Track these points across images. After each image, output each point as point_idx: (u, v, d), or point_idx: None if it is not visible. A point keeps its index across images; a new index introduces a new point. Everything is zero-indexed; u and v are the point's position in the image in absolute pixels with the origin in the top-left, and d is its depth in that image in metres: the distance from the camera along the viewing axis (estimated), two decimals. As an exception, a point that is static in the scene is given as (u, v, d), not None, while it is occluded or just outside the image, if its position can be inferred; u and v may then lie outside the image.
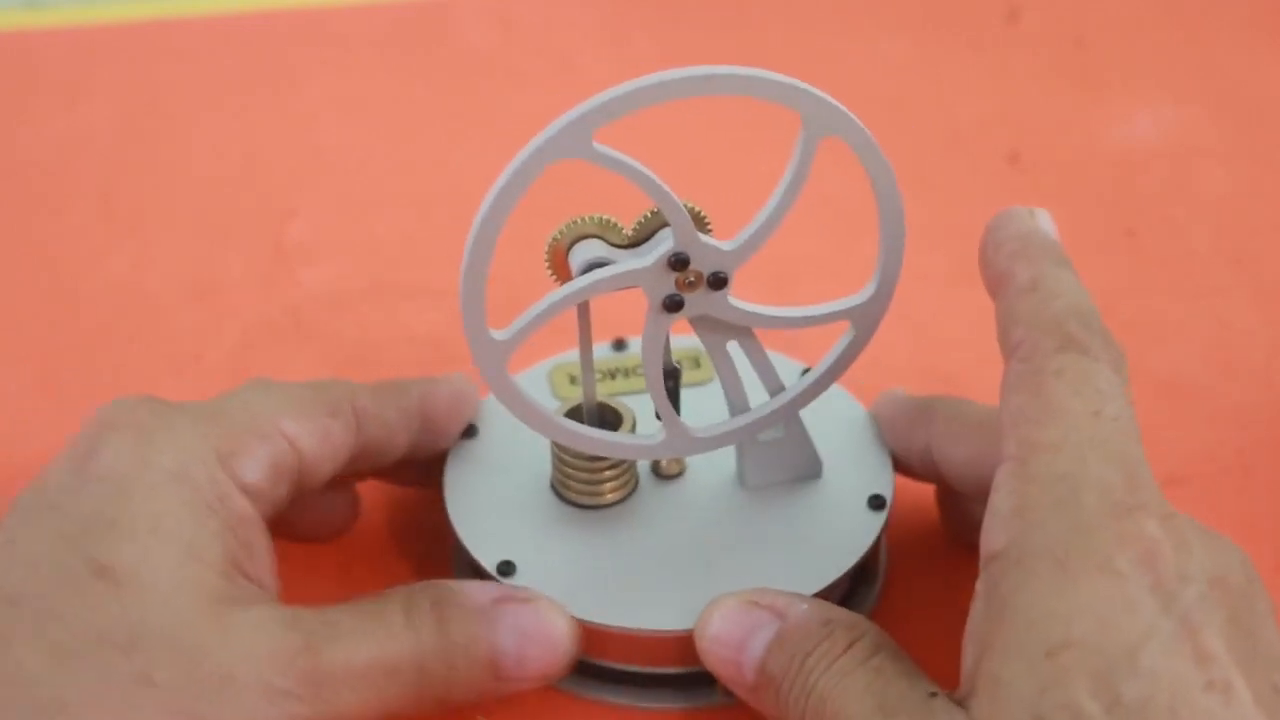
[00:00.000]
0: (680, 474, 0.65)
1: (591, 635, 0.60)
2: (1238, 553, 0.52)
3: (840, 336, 0.62)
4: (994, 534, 0.52)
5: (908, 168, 0.88)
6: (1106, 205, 0.87)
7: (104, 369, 0.77)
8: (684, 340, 0.69)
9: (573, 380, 0.68)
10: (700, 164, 0.90)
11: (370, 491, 0.70)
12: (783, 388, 0.62)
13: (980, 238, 0.58)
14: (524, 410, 0.59)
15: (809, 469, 0.64)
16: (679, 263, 0.57)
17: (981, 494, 0.55)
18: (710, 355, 0.61)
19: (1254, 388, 0.75)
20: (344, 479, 0.65)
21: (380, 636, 0.56)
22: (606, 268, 0.57)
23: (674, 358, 0.62)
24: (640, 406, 0.65)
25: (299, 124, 0.95)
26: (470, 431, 0.66)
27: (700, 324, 0.60)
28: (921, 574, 0.66)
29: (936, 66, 0.99)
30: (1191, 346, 0.77)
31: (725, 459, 0.65)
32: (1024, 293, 0.56)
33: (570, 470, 0.63)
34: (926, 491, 0.69)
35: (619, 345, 0.70)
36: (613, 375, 0.68)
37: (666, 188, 0.56)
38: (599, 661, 0.62)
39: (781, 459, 0.64)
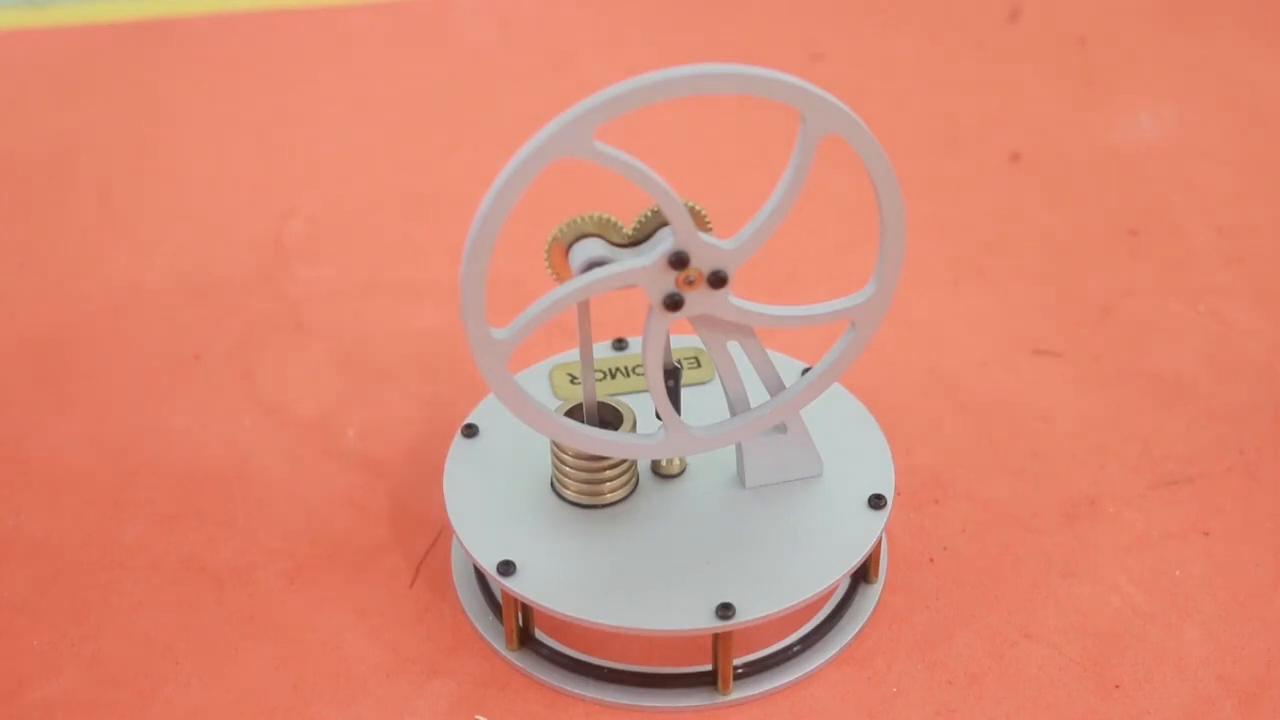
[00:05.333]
0: (680, 474, 0.64)
1: (592, 635, 0.59)
2: None
3: (840, 336, 0.62)
4: None
5: (909, 167, 0.89)
6: (1108, 205, 0.87)
7: (104, 369, 0.77)
8: (684, 340, 0.69)
9: (573, 380, 0.68)
10: (700, 164, 0.90)
11: (370, 491, 0.70)
12: (783, 387, 0.62)
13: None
14: (524, 410, 0.59)
15: (809, 469, 0.64)
16: (679, 261, 0.57)
17: None
18: (711, 355, 0.61)
19: (1254, 388, 0.75)
20: None
21: None
22: (607, 266, 0.57)
23: (674, 357, 0.61)
24: (640, 406, 0.65)
25: (299, 124, 0.95)
26: (470, 431, 0.66)
27: (701, 323, 0.60)
28: (921, 574, 0.66)
29: (938, 66, 0.99)
30: (1191, 346, 0.77)
31: (725, 459, 0.65)
32: None
33: (570, 470, 0.62)
34: (926, 491, 0.69)
35: (619, 345, 0.70)
36: (613, 375, 0.68)
37: (667, 186, 0.55)
38: (600, 661, 0.62)
39: (781, 459, 0.64)
